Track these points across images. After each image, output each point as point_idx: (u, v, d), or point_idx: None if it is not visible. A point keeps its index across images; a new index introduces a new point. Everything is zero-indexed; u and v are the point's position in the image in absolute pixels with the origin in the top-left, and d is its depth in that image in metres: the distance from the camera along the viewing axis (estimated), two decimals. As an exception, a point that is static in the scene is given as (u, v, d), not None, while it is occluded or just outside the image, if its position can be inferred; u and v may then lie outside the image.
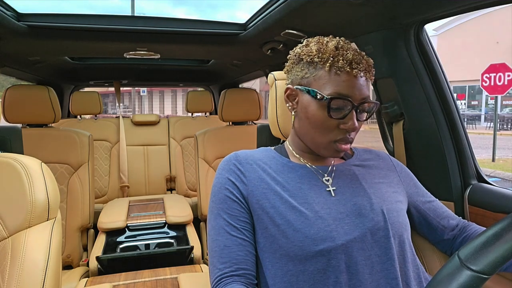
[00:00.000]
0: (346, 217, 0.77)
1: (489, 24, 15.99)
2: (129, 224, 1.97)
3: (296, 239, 0.74)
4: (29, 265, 0.78)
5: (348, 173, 0.85)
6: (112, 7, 70.95)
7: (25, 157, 0.89)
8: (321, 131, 0.78)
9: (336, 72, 0.75)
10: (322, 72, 0.77)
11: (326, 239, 0.73)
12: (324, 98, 0.75)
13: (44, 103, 1.91)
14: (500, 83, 8.81)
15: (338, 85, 0.75)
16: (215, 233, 0.81)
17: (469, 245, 0.52)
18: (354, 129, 0.77)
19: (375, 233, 0.76)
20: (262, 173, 0.82)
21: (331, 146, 0.79)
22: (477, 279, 0.48)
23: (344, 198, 0.80)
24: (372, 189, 0.83)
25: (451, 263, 0.51)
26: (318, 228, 0.74)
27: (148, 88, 22.57)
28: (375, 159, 0.92)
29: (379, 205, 0.80)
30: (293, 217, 0.75)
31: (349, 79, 0.75)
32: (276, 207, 0.77)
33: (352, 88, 0.75)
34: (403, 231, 0.80)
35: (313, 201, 0.78)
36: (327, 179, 0.83)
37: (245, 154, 0.86)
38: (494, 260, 0.49)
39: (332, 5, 1.10)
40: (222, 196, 0.82)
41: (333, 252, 0.73)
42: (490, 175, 7.17)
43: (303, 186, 0.80)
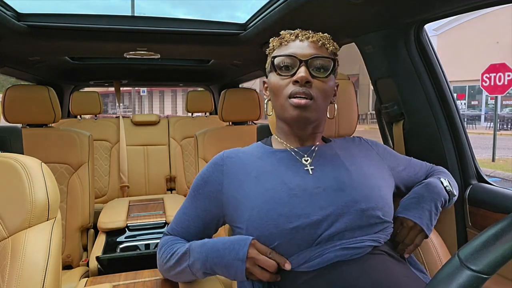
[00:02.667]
0: (323, 192, 0.79)
1: (489, 24, 15.99)
2: (129, 224, 1.97)
3: (270, 218, 0.76)
4: (29, 265, 0.78)
5: (330, 153, 0.89)
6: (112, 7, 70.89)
7: (25, 157, 0.89)
8: (278, 92, 0.84)
9: (284, 44, 0.86)
10: (275, 51, 0.88)
11: (300, 216, 0.75)
12: (270, 62, 0.86)
13: (44, 103, 1.91)
14: (500, 83, 8.81)
15: (283, 50, 0.85)
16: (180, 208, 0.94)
17: (469, 245, 0.52)
18: (303, 79, 0.79)
19: (352, 206, 0.77)
20: (241, 166, 0.87)
21: (287, 103, 0.82)
22: (477, 279, 0.48)
23: (323, 174, 0.82)
24: (353, 166, 0.85)
25: (451, 263, 0.51)
26: (291, 206, 0.76)
27: (148, 88, 22.58)
28: (353, 145, 0.96)
29: (359, 180, 0.81)
30: (267, 198, 0.78)
31: (293, 43, 0.85)
32: (251, 194, 0.80)
33: (297, 48, 0.83)
34: (384, 205, 0.81)
35: (289, 180, 0.80)
36: (306, 159, 0.86)
37: (230, 151, 0.92)
38: (494, 260, 0.49)
39: (332, 5, 1.10)
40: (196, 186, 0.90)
41: (308, 228, 0.74)
42: (490, 175, 7.17)
43: (281, 168, 0.84)
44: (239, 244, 0.76)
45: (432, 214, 0.87)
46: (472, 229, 1.16)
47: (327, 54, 0.85)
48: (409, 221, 0.85)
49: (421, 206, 0.87)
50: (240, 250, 0.75)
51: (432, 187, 0.91)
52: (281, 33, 0.89)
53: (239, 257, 0.75)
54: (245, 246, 0.75)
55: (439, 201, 0.89)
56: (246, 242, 0.76)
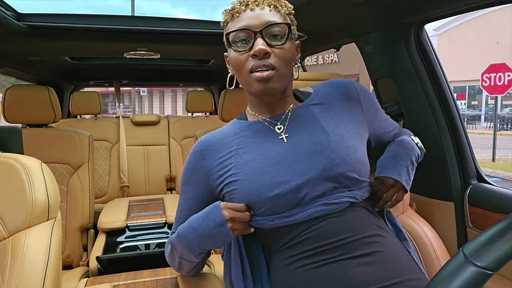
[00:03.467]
0: (302, 157, 0.80)
1: (489, 24, 15.99)
2: (129, 224, 1.97)
3: (252, 188, 0.79)
4: (29, 265, 0.78)
5: (305, 114, 0.87)
6: (112, 7, 71.07)
7: (25, 157, 0.89)
8: (240, 68, 0.82)
9: (236, 16, 0.83)
10: (229, 25, 0.85)
11: (281, 183, 0.77)
12: (227, 38, 0.82)
13: (44, 103, 1.91)
14: (500, 83, 8.82)
15: (237, 24, 0.81)
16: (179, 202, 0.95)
17: (474, 241, 0.52)
18: (260, 52, 0.78)
19: (331, 169, 0.78)
20: (220, 147, 0.88)
21: (250, 78, 0.81)
22: (482, 275, 0.48)
23: (300, 140, 0.83)
24: (331, 127, 0.84)
25: (455, 259, 0.51)
26: (272, 175, 0.78)
27: (148, 88, 22.58)
28: (336, 91, 0.92)
29: (336, 142, 0.81)
30: (247, 170, 0.81)
31: (244, 14, 0.81)
32: (233, 168, 0.83)
33: (249, 19, 0.80)
34: (361, 166, 0.82)
35: (267, 150, 0.82)
36: (279, 127, 0.86)
37: (206, 137, 0.92)
38: (499, 256, 0.49)
39: (332, 5, 1.11)
40: (184, 179, 0.92)
41: (289, 194, 0.77)
42: (490, 175, 7.18)
43: (258, 140, 0.85)
44: (212, 213, 0.81)
45: (409, 170, 0.89)
46: (472, 229, 1.16)
47: (281, 18, 0.82)
48: (389, 179, 0.87)
49: (399, 163, 0.89)
50: (217, 217, 0.80)
51: (406, 144, 0.93)
52: (231, 3, 0.86)
53: (219, 223, 0.79)
54: (218, 212, 0.80)
55: (413, 156, 0.92)
56: (217, 208, 0.81)
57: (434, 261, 1.03)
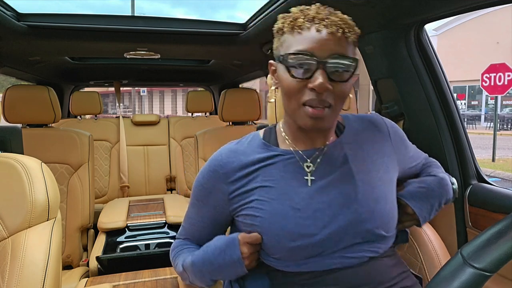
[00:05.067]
0: (328, 208, 0.74)
1: (489, 24, 15.99)
2: (129, 224, 1.97)
3: (272, 232, 0.73)
4: (29, 265, 0.78)
5: (338, 155, 0.80)
6: (112, 7, 71.07)
7: (25, 157, 0.89)
8: (291, 96, 0.72)
9: (298, 31, 0.70)
10: (286, 36, 0.73)
11: (303, 236, 0.72)
12: (283, 58, 0.71)
13: (44, 103, 1.91)
14: (500, 83, 8.81)
15: (300, 43, 0.69)
16: (188, 212, 0.91)
17: (472, 242, 0.52)
18: (321, 88, 0.68)
19: (356, 225, 0.73)
20: (244, 171, 0.79)
21: (302, 110, 0.71)
22: (480, 276, 0.49)
23: (327, 186, 0.76)
24: (361, 174, 0.78)
25: (454, 261, 0.51)
26: (295, 223, 0.72)
27: (148, 88, 22.58)
28: (369, 129, 0.85)
29: (365, 194, 0.76)
30: (270, 210, 0.75)
31: (310, 34, 0.69)
32: (254, 204, 0.77)
33: (314, 43, 0.68)
34: (388, 221, 0.77)
35: (294, 191, 0.76)
36: (308, 165, 0.78)
37: (228, 154, 0.82)
38: (497, 257, 0.49)
39: (332, 5, 1.10)
40: (201, 195, 0.85)
41: (310, 247, 0.72)
42: (490, 175, 7.17)
43: (286, 175, 0.78)
44: (229, 247, 0.76)
45: (433, 210, 0.85)
46: (472, 229, 1.16)
47: (348, 48, 0.71)
48: (410, 209, 0.82)
49: (428, 199, 0.84)
50: (234, 254, 0.75)
51: (443, 185, 0.88)
52: (291, 10, 0.74)
53: (235, 260, 0.75)
54: (236, 247, 0.75)
55: (444, 200, 0.88)
56: (235, 243, 0.76)
57: (434, 260, 1.03)
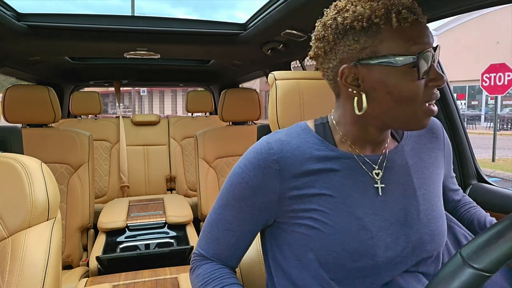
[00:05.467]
0: (391, 226, 0.67)
1: (489, 24, 15.99)
2: (129, 224, 1.97)
3: (332, 250, 0.65)
4: (29, 265, 0.78)
5: (401, 163, 0.72)
6: (112, 7, 71.05)
7: (25, 157, 0.89)
8: (409, 101, 0.62)
9: (404, 25, 0.61)
10: (387, 33, 0.61)
11: (366, 255, 0.65)
12: (412, 59, 0.60)
13: (44, 103, 1.91)
14: (500, 83, 8.82)
15: (412, 38, 0.61)
16: (214, 221, 0.76)
17: (471, 243, 0.52)
18: (444, 81, 0.63)
19: (418, 247, 0.68)
20: (299, 169, 0.68)
21: (423, 112, 0.64)
22: (480, 277, 0.48)
23: (392, 199, 0.69)
24: (422, 189, 0.72)
25: (453, 261, 0.51)
26: (358, 242, 0.65)
27: (148, 88, 22.58)
28: (428, 135, 0.79)
29: (426, 212, 0.70)
30: (331, 224, 0.66)
31: (418, 27, 0.62)
32: (312, 213, 0.67)
33: (426, 36, 0.62)
34: (443, 239, 0.72)
35: (356, 203, 0.67)
36: (377, 172, 0.70)
37: (280, 146, 0.69)
38: (497, 258, 0.49)
39: (332, 5, 1.10)
40: (240, 193, 0.71)
41: (370, 269, 0.65)
42: (490, 175, 7.18)
43: (346, 182, 0.68)
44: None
45: None
46: (472, 229, 1.16)
47: None
48: None
49: None
50: None
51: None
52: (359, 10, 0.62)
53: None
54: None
55: None
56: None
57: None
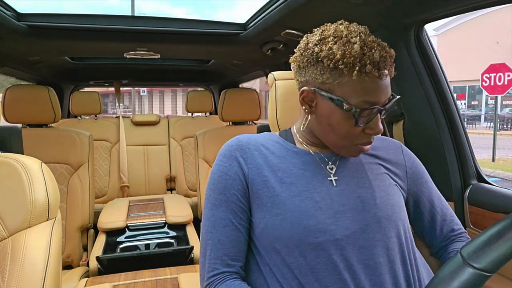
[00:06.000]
0: (348, 210, 0.74)
1: (489, 24, 15.99)
2: (129, 224, 1.97)
3: (294, 230, 0.71)
4: (29, 265, 0.78)
5: (354, 162, 0.81)
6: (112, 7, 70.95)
7: (25, 157, 0.88)
8: (345, 138, 0.74)
9: (363, 78, 0.68)
10: (347, 79, 0.69)
11: (325, 232, 0.71)
12: (353, 110, 0.69)
13: (44, 103, 1.91)
14: (500, 83, 8.82)
15: (366, 93, 0.69)
16: (210, 224, 0.77)
17: (471, 242, 0.52)
18: (380, 132, 0.73)
19: (375, 229, 0.74)
20: (264, 159, 0.78)
21: (354, 149, 0.75)
22: (480, 276, 0.48)
23: (347, 189, 0.77)
24: (377, 181, 0.79)
25: (453, 261, 0.51)
26: (317, 220, 0.72)
27: (148, 88, 22.58)
28: (385, 150, 0.87)
29: (382, 199, 0.77)
30: (292, 207, 0.73)
31: (376, 83, 0.69)
32: (275, 196, 0.74)
33: (380, 93, 0.70)
34: (405, 226, 0.78)
35: (315, 190, 0.75)
36: (331, 167, 0.79)
37: (248, 139, 0.81)
38: (497, 257, 0.49)
39: (332, 5, 1.10)
40: (222, 186, 0.77)
41: (331, 246, 0.71)
42: (490, 175, 7.17)
43: (306, 174, 0.77)
44: None
45: None
46: (472, 229, 1.16)
47: None
48: None
49: None
50: None
51: None
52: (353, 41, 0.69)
53: None
54: None
55: None
56: None
57: (432, 259, 1.03)
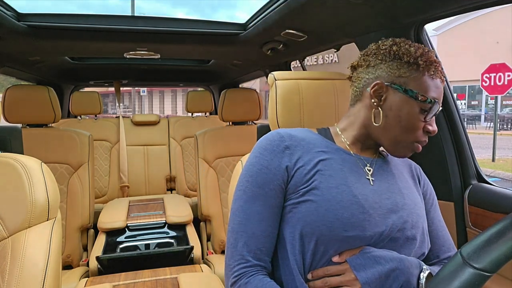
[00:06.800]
0: (379, 208, 0.76)
1: (489, 24, 15.99)
2: (129, 224, 1.97)
3: (326, 219, 0.72)
4: (29, 265, 0.78)
5: (386, 169, 0.86)
6: (112, 7, 71.16)
7: (25, 157, 0.88)
8: (408, 131, 0.79)
9: (432, 77, 0.78)
10: (421, 75, 0.78)
11: (357, 227, 0.73)
12: (428, 101, 0.77)
13: (44, 103, 1.91)
14: (500, 83, 8.82)
15: (435, 90, 0.78)
16: (245, 217, 0.77)
17: (471, 242, 0.52)
18: (435, 133, 0.80)
19: (401, 231, 0.77)
20: (306, 152, 0.81)
21: (411, 146, 0.80)
22: (480, 276, 0.49)
23: (380, 190, 0.80)
24: (406, 190, 0.84)
25: (453, 261, 0.51)
26: (351, 213, 0.73)
27: (148, 88, 22.60)
28: (405, 165, 0.93)
29: (410, 206, 0.81)
30: (328, 196, 0.74)
31: (439, 85, 0.79)
32: (312, 185, 0.76)
33: (439, 92, 0.79)
34: (426, 235, 0.81)
35: (352, 185, 0.78)
36: (369, 168, 0.83)
37: (289, 134, 0.84)
38: (497, 257, 0.49)
39: (332, 5, 1.10)
40: (262, 180, 0.78)
41: (358, 241, 0.73)
42: (490, 175, 7.18)
43: (344, 169, 0.80)
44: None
45: None
46: (472, 229, 1.16)
47: None
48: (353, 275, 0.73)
49: None
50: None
51: None
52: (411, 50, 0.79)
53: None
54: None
55: None
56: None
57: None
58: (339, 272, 0.73)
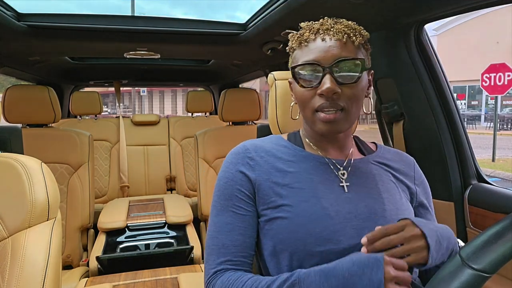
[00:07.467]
0: (354, 219, 0.73)
1: (489, 24, 15.99)
2: (129, 224, 1.97)
3: (298, 235, 0.70)
4: (29, 265, 0.78)
5: (364, 171, 0.81)
6: (112, 7, 71.07)
7: (25, 157, 0.88)
8: (304, 104, 0.76)
9: (304, 45, 0.75)
10: (296, 52, 0.78)
11: (330, 240, 0.70)
12: (295, 70, 0.75)
13: (44, 103, 1.91)
14: (500, 83, 8.82)
15: (305, 55, 0.74)
16: (215, 230, 0.78)
17: (470, 244, 0.52)
18: (329, 92, 0.70)
19: None
20: (271, 165, 0.79)
21: (315, 117, 0.74)
22: (479, 277, 0.49)
23: (356, 197, 0.76)
24: (386, 193, 0.78)
25: (452, 262, 0.51)
26: (323, 227, 0.70)
27: (148, 88, 22.59)
28: (398, 162, 0.86)
29: (391, 212, 0.75)
30: (299, 211, 0.72)
31: (315, 45, 0.74)
32: (283, 201, 0.74)
33: (319, 52, 0.73)
34: None
35: (323, 195, 0.74)
36: (342, 172, 0.79)
37: (255, 146, 0.82)
38: (496, 258, 0.49)
39: (332, 5, 1.10)
40: (228, 192, 0.78)
41: (333, 255, 0.69)
42: (490, 175, 7.17)
43: (315, 178, 0.77)
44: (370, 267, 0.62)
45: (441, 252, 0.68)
46: (472, 229, 1.16)
47: (354, 50, 0.73)
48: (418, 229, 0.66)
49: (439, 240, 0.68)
50: (374, 274, 0.61)
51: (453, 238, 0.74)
52: (300, 25, 0.79)
53: (375, 283, 0.61)
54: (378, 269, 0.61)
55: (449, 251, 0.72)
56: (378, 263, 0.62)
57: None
58: (399, 229, 0.66)
